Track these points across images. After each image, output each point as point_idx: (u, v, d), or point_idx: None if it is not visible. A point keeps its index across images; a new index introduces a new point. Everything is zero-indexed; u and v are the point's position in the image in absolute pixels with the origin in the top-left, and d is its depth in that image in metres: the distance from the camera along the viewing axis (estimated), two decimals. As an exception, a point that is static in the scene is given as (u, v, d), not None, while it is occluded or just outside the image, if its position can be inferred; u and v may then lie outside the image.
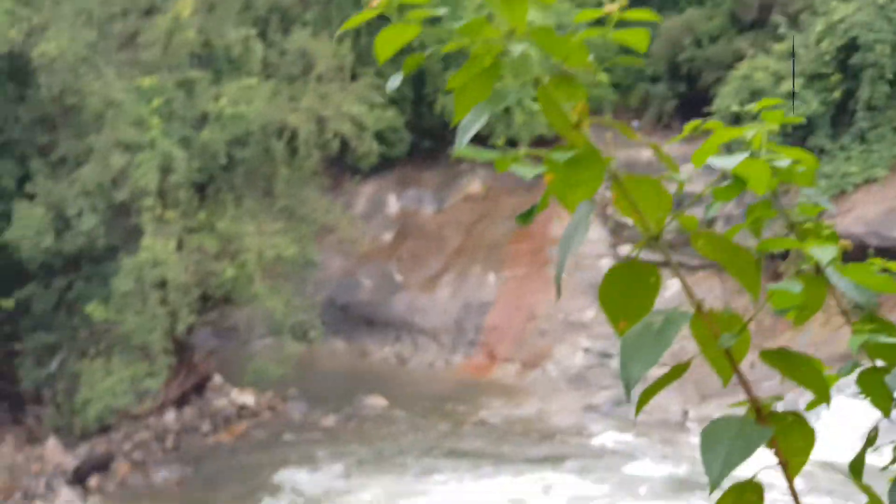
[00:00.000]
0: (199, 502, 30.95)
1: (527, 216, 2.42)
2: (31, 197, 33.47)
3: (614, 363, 37.09)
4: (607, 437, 33.40)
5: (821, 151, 36.75)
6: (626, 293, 2.36)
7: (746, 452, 2.23)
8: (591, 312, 38.66)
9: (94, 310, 32.47)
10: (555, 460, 31.78)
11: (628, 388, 2.22)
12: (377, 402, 36.78)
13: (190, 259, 33.56)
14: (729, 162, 2.46)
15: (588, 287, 38.98)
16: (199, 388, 36.72)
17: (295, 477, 31.63)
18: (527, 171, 2.25)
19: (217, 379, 37.24)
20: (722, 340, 2.35)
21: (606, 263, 38.85)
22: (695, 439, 32.63)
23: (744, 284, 2.42)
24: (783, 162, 2.66)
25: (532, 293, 40.03)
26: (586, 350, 38.02)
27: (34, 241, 32.56)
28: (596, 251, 39.03)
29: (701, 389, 34.03)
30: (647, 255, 2.40)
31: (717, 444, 2.25)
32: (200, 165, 34.03)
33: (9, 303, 33.47)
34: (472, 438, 33.98)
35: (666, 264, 2.46)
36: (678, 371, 2.38)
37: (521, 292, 40.33)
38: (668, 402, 34.13)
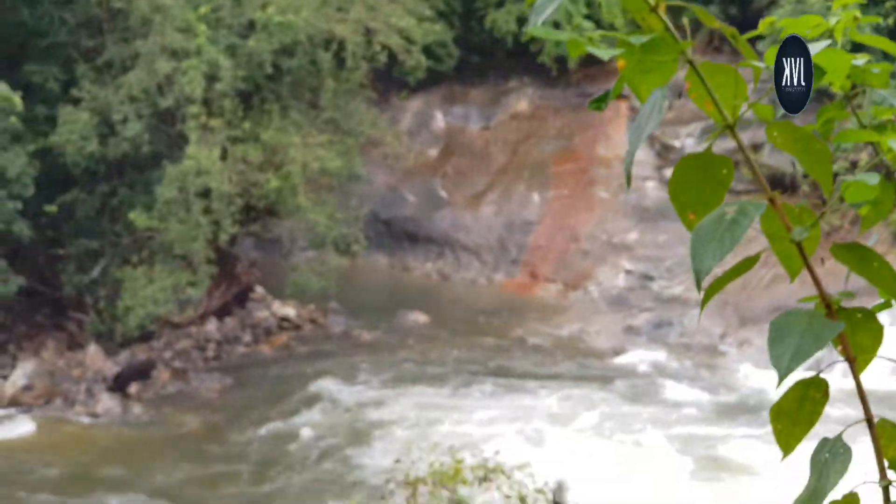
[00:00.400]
0: (238, 410, 31.19)
1: (599, 101, 2.36)
2: (76, 101, 33.46)
3: (656, 285, 37.04)
4: (647, 358, 33.45)
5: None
6: (696, 185, 2.30)
7: (816, 346, 2.18)
8: (634, 234, 38.57)
9: (137, 217, 32.56)
10: (596, 380, 31.85)
11: (699, 279, 2.17)
12: (418, 317, 36.88)
13: (234, 169, 33.57)
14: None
15: (632, 209, 38.87)
16: (241, 298, 36.87)
17: (333, 388, 31.82)
18: (602, 53, 2.19)
19: (259, 290, 37.39)
20: (794, 233, 2.30)
21: (652, 186, 38.70)
22: (734, 364, 32.68)
23: (816, 177, 2.36)
24: (858, 61, 2.58)
25: (576, 214, 39.93)
26: (628, 272, 37.96)
27: (78, 146, 32.59)
28: (642, 173, 38.82)
29: (741, 313, 33.99)
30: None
31: (786, 336, 2.20)
32: (246, 74, 33.93)
33: (52, 208, 33.58)
34: (512, 356, 34.07)
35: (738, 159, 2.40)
36: (748, 263, 2.32)
37: (565, 212, 40.23)
38: (708, 325, 34.11)
